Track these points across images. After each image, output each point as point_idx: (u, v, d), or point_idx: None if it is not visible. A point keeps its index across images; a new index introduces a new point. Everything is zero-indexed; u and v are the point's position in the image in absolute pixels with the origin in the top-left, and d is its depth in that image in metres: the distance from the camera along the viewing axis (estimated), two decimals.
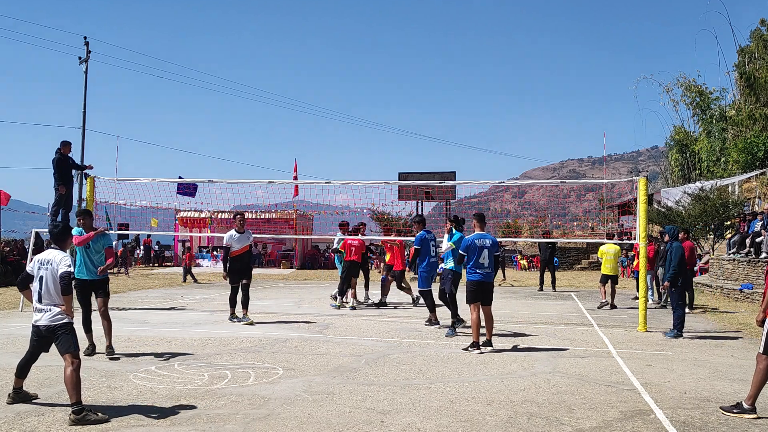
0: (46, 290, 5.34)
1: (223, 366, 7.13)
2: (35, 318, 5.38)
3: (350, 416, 5.23)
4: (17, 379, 5.57)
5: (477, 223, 8.72)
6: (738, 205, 22.29)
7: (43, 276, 5.36)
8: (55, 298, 5.33)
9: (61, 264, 5.35)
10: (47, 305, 5.33)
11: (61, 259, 5.39)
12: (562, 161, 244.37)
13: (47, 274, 5.36)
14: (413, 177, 23.43)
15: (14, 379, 5.59)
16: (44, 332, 5.33)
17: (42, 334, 5.36)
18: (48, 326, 5.30)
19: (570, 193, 39.47)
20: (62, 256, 5.43)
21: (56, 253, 5.47)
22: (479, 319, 8.35)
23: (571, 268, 33.36)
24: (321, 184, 14.56)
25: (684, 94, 38.22)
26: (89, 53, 29.24)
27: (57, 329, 5.30)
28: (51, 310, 5.32)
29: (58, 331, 5.30)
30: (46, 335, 5.35)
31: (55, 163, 12.63)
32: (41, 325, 5.32)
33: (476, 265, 8.38)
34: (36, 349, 5.52)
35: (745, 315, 12.58)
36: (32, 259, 5.70)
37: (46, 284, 5.34)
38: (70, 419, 4.96)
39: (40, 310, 5.35)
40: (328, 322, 11.13)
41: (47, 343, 5.47)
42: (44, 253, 5.54)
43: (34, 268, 5.47)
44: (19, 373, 5.55)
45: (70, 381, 5.10)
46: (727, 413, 5.44)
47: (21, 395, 5.57)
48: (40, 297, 5.35)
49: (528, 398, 5.91)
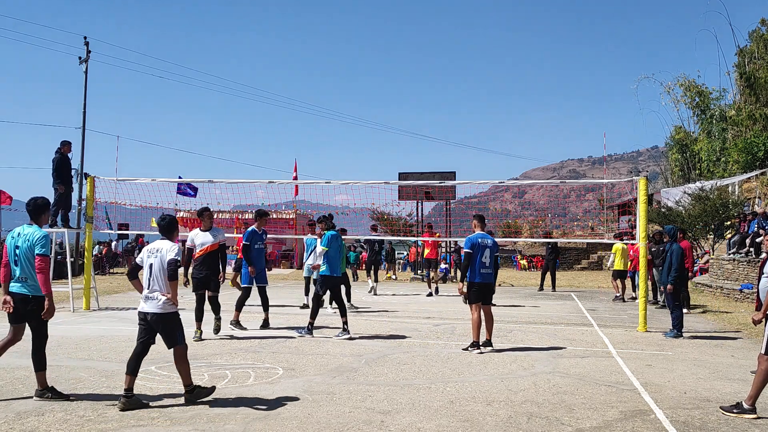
0: (155, 277, 5.58)
1: (223, 366, 7.13)
2: (142, 305, 5.60)
3: (350, 416, 5.23)
4: (129, 377, 5.40)
5: (478, 224, 8.72)
6: (738, 205, 22.29)
7: (153, 263, 5.62)
8: (162, 285, 5.56)
9: (170, 252, 5.61)
10: (154, 292, 5.56)
11: (171, 248, 5.67)
12: (562, 161, 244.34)
13: (156, 261, 5.62)
14: (413, 177, 23.42)
15: (126, 377, 5.40)
16: (150, 320, 5.54)
17: (148, 321, 5.56)
18: (154, 314, 5.52)
19: (570, 193, 39.52)
20: (171, 245, 5.71)
21: (166, 243, 5.75)
22: (480, 320, 8.35)
23: (571, 268, 33.36)
24: (321, 184, 14.57)
25: (684, 94, 38.26)
26: (89, 53, 29.23)
27: (163, 319, 5.53)
28: (158, 298, 5.54)
29: (164, 322, 5.55)
30: (152, 323, 5.55)
31: (55, 163, 12.64)
32: (148, 312, 5.55)
33: (479, 265, 8.38)
34: (145, 339, 5.60)
35: (745, 315, 12.59)
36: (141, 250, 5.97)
37: (155, 271, 5.60)
38: (185, 398, 5.52)
39: (147, 297, 5.59)
40: (328, 321, 11.13)
41: (154, 333, 5.63)
42: (154, 243, 5.80)
43: (143, 257, 5.73)
44: (131, 370, 5.45)
45: (180, 368, 5.57)
46: (727, 413, 5.44)
47: (133, 401, 5.35)
48: (149, 283, 5.60)
49: (528, 398, 5.91)
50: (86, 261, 13.38)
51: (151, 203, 14.36)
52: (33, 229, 5.73)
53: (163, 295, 5.53)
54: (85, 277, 12.99)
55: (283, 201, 30.31)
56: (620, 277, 15.97)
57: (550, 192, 75.86)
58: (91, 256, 13.84)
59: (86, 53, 29.14)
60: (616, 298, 15.84)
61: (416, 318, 11.94)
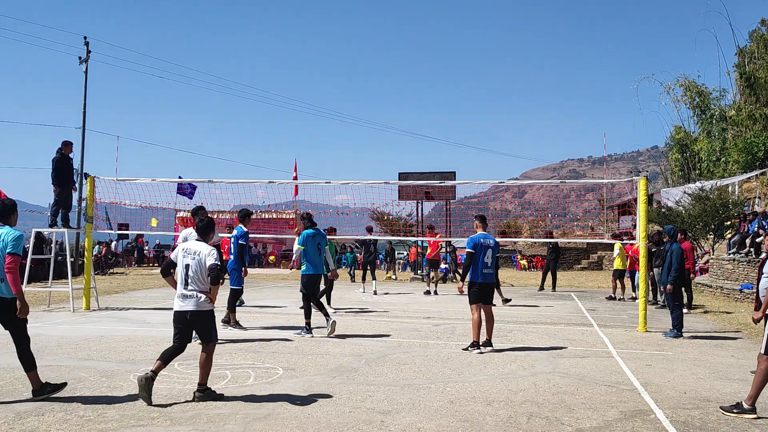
0: (193, 277, 5.69)
1: (223, 366, 7.13)
2: (180, 304, 5.71)
3: (350, 416, 5.23)
4: (160, 363, 5.63)
5: (479, 224, 8.74)
6: (738, 205, 22.28)
7: (189, 264, 5.73)
8: (201, 285, 5.69)
9: (209, 257, 5.71)
10: (193, 291, 5.68)
11: (210, 252, 5.75)
12: (562, 161, 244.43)
13: (194, 263, 5.72)
14: (413, 177, 23.41)
15: (156, 362, 5.64)
16: (189, 318, 5.68)
17: (187, 320, 5.70)
18: (192, 311, 5.66)
19: (570, 193, 39.46)
20: (210, 250, 5.79)
21: (203, 246, 5.82)
22: (480, 320, 8.35)
23: (571, 268, 33.36)
24: (321, 184, 14.56)
25: (684, 93, 38.26)
26: (89, 53, 29.21)
27: (201, 317, 5.69)
28: (197, 296, 5.67)
29: (202, 319, 5.70)
30: (190, 321, 5.69)
31: (55, 163, 12.62)
32: (188, 310, 5.67)
33: (481, 265, 8.39)
34: (183, 337, 5.75)
35: (745, 315, 12.59)
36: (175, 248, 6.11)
37: (192, 272, 5.70)
38: (195, 396, 5.62)
39: (185, 296, 5.70)
40: None
41: (191, 330, 5.78)
42: (189, 243, 5.90)
43: (178, 255, 5.82)
44: (165, 360, 5.67)
45: (204, 364, 5.67)
46: (727, 413, 5.44)
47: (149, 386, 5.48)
48: (186, 282, 5.71)
49: (528, 398, 5.91)
50: (86, 261, 13.37)
51: (151, 203, 14.35)
52: (5, 230, 5.69)
53: (202, 293, 5.68)
54: (85, 277, 12.99)
55: (283, 201, 30.32)
56: (619, 276, 16.24)
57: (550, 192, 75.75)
58: (91, 256, 13.83)
59: (86, 53, 29.12)
60: (610, 297, 16.16)
61: (416, 318, 11.93)
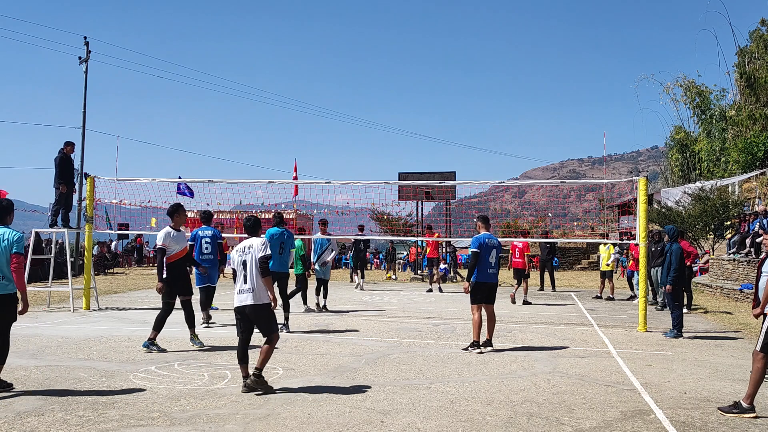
0: (250, 273, 5.99)
1: (223, 366, 7.13)
2: (239, 299, 6.00)
3: (350, 416, 5.23)
4: (243, 366, 6.01)
5: (482, 225, 8.76)
6: (738, 205, 22.28)
7: (246, 261, 6.05)
8: (257, 280, 5.97)
9: (260, 250, 6.04)
10: (250, 287, 5.98)
11: (261, 245, 6.09)
12: (562, 161, 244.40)
13: (249, 258, 6.04)
14: (413, 177, 23.39)
15: (240, 366, 6.03)
16: (248, 312, 5.97)
17: (246, 314, 5.99)
18: (251, 305, 5.94)
19: (570, 193, 39.31)
20: (261, 242, 6.12)
21: (255, 240, 6.16)
22: (480, 320, 8.36)
23: (571, 268, 33.35)
24: (321, 184, 14.55)
25: (684, 94, 38.27)
26: (89, 53, 29.19)
27: (260, 309, 5.96)
28: (257, 290, 5.97)
29: (261, 312, 5.98)
30: (250, 315, 5.98)
31: (57, 163, 12.65)
32: (246, 305, 5.97)
33: (486, 265, 8.40)
34: (247, 331, 6.09)
35: (745, 315, 12.59)
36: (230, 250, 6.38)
37: (250, 267, 6.00)
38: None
39: (243, 291, 6.00)
40: (328, 322, 11.13)
41: (252, 324, 6.07)
42: (244, 242, 6.20)
43: (234, 257, 6.12)
44: (243, 359, 6.02)
45: (265, 352, 5.95)
46: (726, 414, 5.44)
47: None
48: (245, 278, 6.00)
49: (528, 398, 5.91)
50: (86, 261, 13.37)
51: (152, 203, 14.34)
52: (6, 230, 5.90)
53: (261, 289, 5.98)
54: (85, 277, 12.99)
55: (283, 201, 30.27)
56: (609, 277, 16.61)
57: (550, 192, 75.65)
58: (91, 256, 13.83)
59: (86, 53, 29.10)
60: (597, 297, 16.62)
61: (416, 318, 11.93)
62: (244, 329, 6.10)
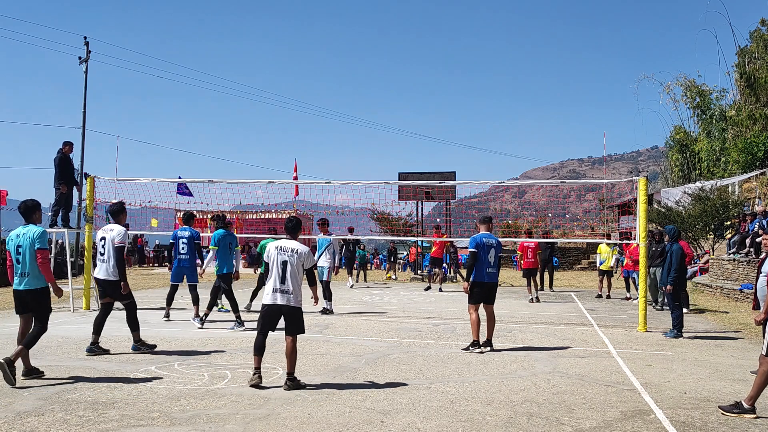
0: (291, 274, 6.12)
1: (223, 366, 7.13)
2: (272, 297, 6.13)
3: (350, 416, 5.23)
4: (257, 357, 6.17)
5: (482, 225, 8.75)
6: (738, 205, 22.28)
7: (287, 261, 6.15)
8: (296, 282, 6.13)
9: (308, 258, 6.26)
10: (289, 288, 6.11)
11: (308, 253, 6.26)
12: (562, 161, 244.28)
13: (292, 260, 6.16)
14: (413, 177, 23.39)
15: (254, 357, 6.17)
16: (284, 310, 6.12)
17: (276, 312, 6.15)
18: (289, 306, 6.11)
19: (570, 193, 39.27)
20: (307, 251, 6.26)
21: (302, 246, 6.29)
22: (479, 320, 8.36)
23: (571, 268, 33.33)
24: (321, 184, 14.55)
25: (684, 93, 38.27)
26: (89, 53, 29.21)
27: (293, 311, 6.14)
28: (294, 293, 6.12)
29: (293, 313, 6.15)
30: (282, 313, 6.14)
31: (57, 163, 12.65)
32: (283, 304, 6.11)
33: (484, 265, 8.38)
34: (266, 328, 6.22)
35: (745, 315, 12.59)
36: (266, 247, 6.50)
37: (290, 269, 6.13)
38: (286, 385, 6.05)
39: (280, 290, 6.12)
40: (328, 322, 11.14)
41: (277, 321, 6.22)
42: (283, 241, 6.32)
43: (272, 254, 6.20)
44: (260, 351, 6.18)
45: (290, 354, 6.10)
46: (726, 413, 5.44)
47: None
48: (283, 279, 6.12)
49: (528, 398, 5.91)
50: (86, 261, 13.37)
51: (152, 203, 14.34)
52: (31, 227, 6.46)
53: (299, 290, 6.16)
54: (85, 277, 13.00)
55: (283, 201, 30.27)
56: (607, 275, 16.91)
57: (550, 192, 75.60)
58: (91, 257, 13.83)
59: (86, 53, 29.12)
60: (599, 296, 16.81)
61: (416, 318, 11.93)
62: (264, 329, 6.22)
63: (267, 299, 6.19)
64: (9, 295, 14.95)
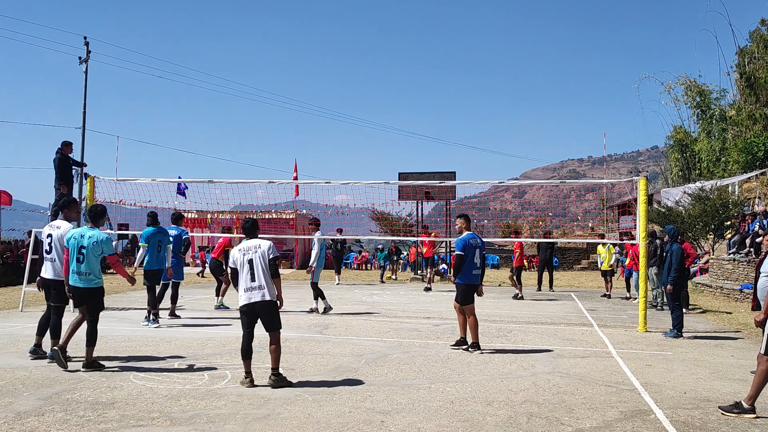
0: (258, 272, 6.14)
1: (223, 366, 7.13)
2: (247, 297, 6.15)
3: (350, 416, 5.23)
4: (246, 362, 6.19)
5: (464, 224, 8.68)
6: (738, 205, 22.28)
7: (253, 259, 6.17)
8: (266, 279, 6.14)
9: (269, 250, 6.22)
10: (261, 284, 6.14)
11: (270, 247, 6.26)
12: (562, 161, 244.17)
13: (256, 257, 6.18)
14: (413, 177, 23.37)
15: (243, 362, 6.21)
16: (258, 308, 6.14)
17: (253, 311, 6.17)
18: (264, 301, 6.13)
19: (570, 193, 39.29)
20: (269, 244, 6.28)
21: (263, 241, 6.32)
22: (477, 320, 8.35)
23: (571, 268, 33.34)
24: (321, 184, 14.56)
25: (685, 93, 38.27)
26: (89, 53, 29.16)
27: (269, 306, 6.16)
28: (265, 289, 6.14)
29: (271, 308, 6.19)
30: (259, 310, 6.16)
31: (56, 163, 12.65)
32: (256, 301, 6.13)
33: (471, 266, 8.34)
34: (251, 328, 6.26)
35: (745, 315, 12.59)
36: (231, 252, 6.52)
37: (257, 266, 6.15)
38: (270, 380, 6.14)
39: (251, 288, 6.15)
40: (328, 322, 11.13)
41: (256, 319, 6.25)
42: (246, 242, 6.35)
43: (238, 256, 6.23)
44: (247, 355, 6.20)
45: (274, 352, 6.20)
46: (726, 413, 5.44)
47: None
48: (252, 276, 6.14)
49: (528, 398, 5.91)
50: None
51: (152, 203, 14.35)
52: (98, 233, 6.88)
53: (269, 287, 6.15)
54: None
55: (283, 201, 30.28)
56: (608, 275, 17.14)
57: (550, 192, 75.67)
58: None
59: (86, 53, 29.08)
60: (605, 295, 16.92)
61: (416, 318, 11.93)
62: (248, 326, 6.25)
63: (242, 300, 6.22)
64: (9, 295, 15.01)
